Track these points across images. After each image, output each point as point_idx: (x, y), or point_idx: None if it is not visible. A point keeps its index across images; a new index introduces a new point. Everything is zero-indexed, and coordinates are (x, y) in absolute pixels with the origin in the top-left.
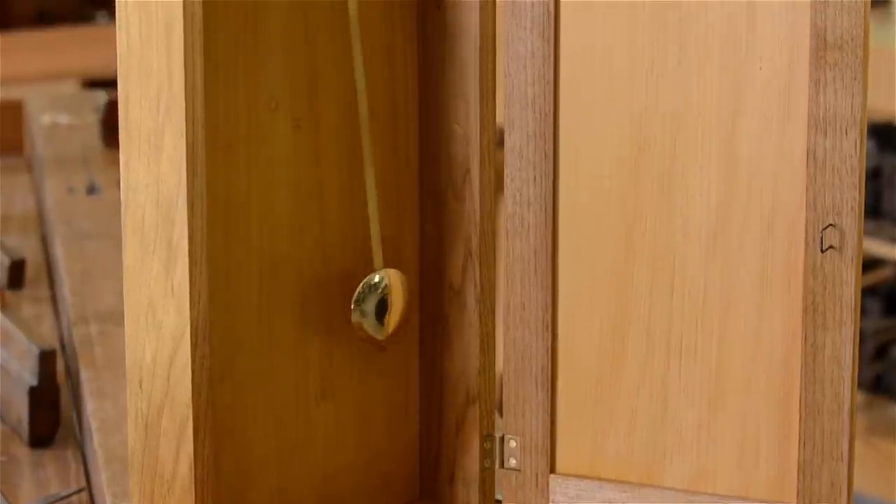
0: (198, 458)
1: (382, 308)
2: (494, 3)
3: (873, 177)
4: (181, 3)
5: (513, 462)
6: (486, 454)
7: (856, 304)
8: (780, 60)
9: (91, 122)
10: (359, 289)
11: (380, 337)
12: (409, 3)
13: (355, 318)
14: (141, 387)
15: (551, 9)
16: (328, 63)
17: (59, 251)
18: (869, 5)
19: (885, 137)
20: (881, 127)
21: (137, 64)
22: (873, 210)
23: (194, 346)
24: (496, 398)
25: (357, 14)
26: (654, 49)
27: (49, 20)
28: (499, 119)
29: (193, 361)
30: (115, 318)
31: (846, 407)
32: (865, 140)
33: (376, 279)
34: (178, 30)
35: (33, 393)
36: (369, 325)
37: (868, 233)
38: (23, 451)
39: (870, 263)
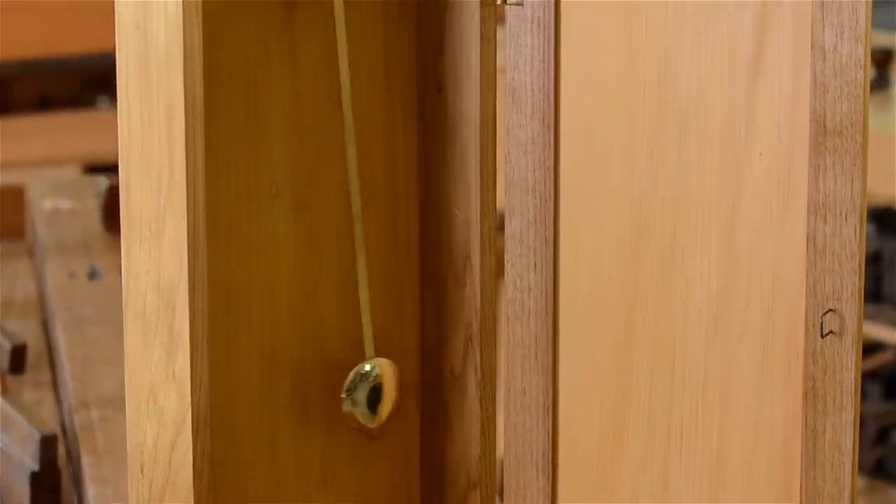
0: None
1: (374, 397)
2: (495, 88)
3: (873, 261)
4: (182, 88)
5: None
6: None
7: (856, 389)
8: (780, 146)
9: (92, 207)
10: (350, 377)
11: (371, 426)
12: (409, 86)
13: (346, 407)
14: (142, 472)
15: (551, 95)
16: (329, 150)
17: (61, 336)
18: (868, 91)
19: (885, 221)
20: (881, 211)
21: (139, 148)
22: (874, 294)
23: (195, 431)
24: (497, 483)
25: (350, 106)
26: (654, 135)
27: (50, 105)
28: (499, 204)
29: (195, 447)
30: (116, 403)
31: (847, 492)
32: (865, 225)
33: (367, 368)
34: (179, 114)
35: (34, 478)
36: (361, 413)
37: (868, 317)
38: None
39: (870, 347)
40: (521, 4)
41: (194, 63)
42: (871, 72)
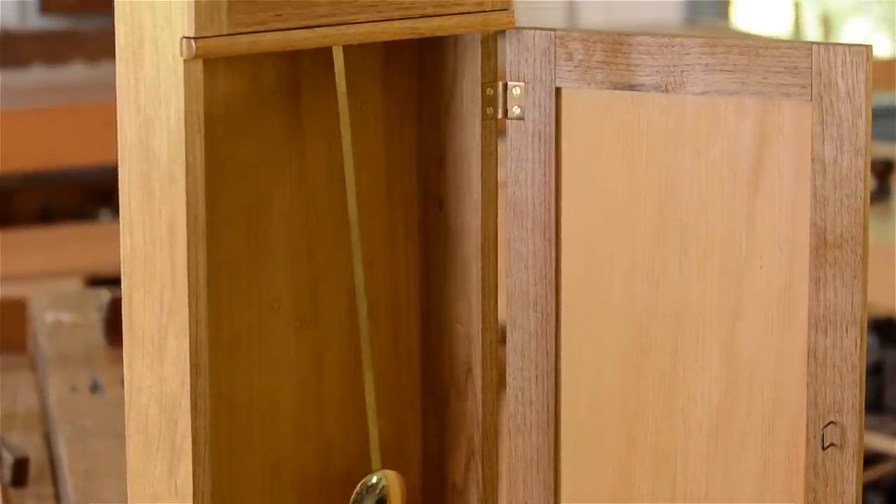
0: None
1: None
2: (496, 202)
3: (875, 372)
4: (185, 205)
5: None
6: None
7: (857, 501)
8: (781, 259)
9: (94, 320)
10: (357, 489)
11: None
12: (410, 201)
13: None
14: None
15: (553, 209)
16: (330, 265)
17: (63, 449)
18: (869, 203)
19: (886, 332)
20: (882, 322)
21: (141, 265)
22: (875, 405)
23: None
24: None
25: (357, 222)
26: (655, 249)
27: (52, 217)
28: (500, 317)
29: None
30: None
31: None
32: (866, 337)
33: (374, 480)
34: (181, 231)
35: None
36: None
37: (870, 428)
38: None
39: (872, 458)
40: (522, 119)
41: (196, 180)
42: (871, 183)
